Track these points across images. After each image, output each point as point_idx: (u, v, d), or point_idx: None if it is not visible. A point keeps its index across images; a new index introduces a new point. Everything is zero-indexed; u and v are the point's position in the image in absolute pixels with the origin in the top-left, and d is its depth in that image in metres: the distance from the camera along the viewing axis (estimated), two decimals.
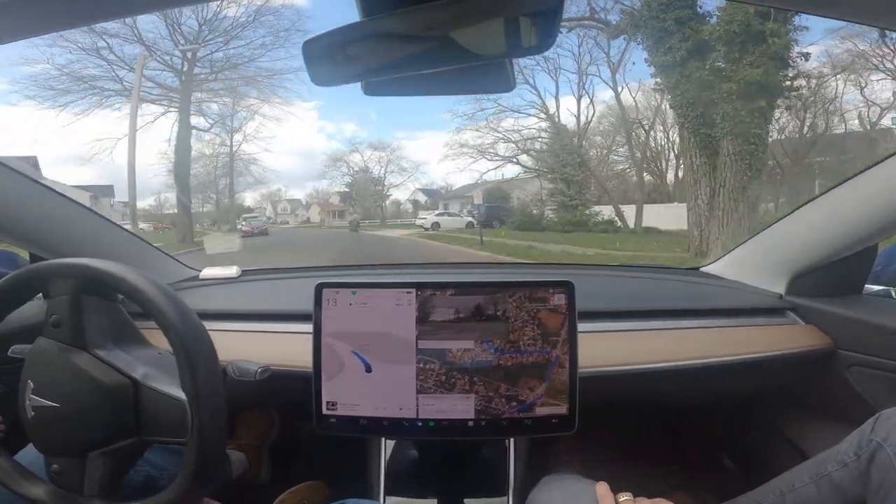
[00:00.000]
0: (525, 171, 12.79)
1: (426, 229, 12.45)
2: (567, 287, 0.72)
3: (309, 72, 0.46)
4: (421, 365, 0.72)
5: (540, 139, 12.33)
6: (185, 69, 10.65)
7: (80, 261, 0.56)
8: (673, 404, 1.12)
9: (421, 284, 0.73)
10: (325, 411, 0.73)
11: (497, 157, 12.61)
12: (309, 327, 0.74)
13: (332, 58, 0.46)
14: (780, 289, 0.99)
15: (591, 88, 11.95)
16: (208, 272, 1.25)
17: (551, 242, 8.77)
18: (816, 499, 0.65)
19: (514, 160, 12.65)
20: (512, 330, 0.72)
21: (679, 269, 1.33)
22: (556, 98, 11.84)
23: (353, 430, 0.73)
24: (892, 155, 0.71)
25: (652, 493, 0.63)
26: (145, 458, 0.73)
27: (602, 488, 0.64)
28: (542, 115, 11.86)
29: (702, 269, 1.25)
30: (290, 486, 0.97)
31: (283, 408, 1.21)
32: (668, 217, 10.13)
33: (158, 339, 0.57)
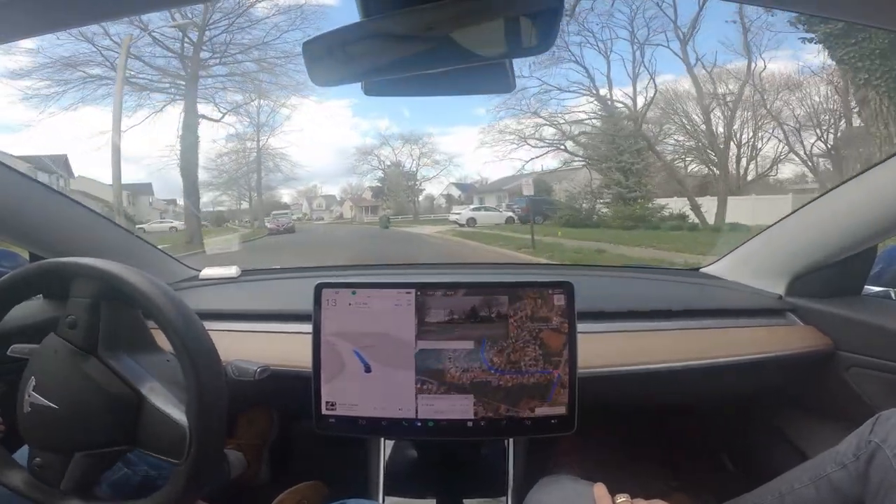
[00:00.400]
0: (569, 161, 10.95)
1: (461, 225, 11.38)
2: (567, 287, 0.72)
3: (309, 72, 0.46)
4: (420, 367, 0.72)
5: (589, 122, 10.56)
6: (186, 52, 9.83)
7: (107, 266, 0.55)
8: (673, 405, 1.12)
9: (421, 285, 0.73)
10: (324, 411, 0.73)
11: (542, 144, 10.76)
12: (308, 327, 0.74)
13: (332, 58, 0.46)
14: (780, 290, 0.99)
15: (653, 64, 10.29)
16: (208, 272, 1.25)
17: (617, 242, 7.06)
18: (815, 499, 0.65)
19: (561, 146, 10.84)
20: (513, 350, 0.71)
21: (679, 270, 1.33)
22: (609, 77, 10.00)
23: (352, 430, 0.73)
24: (893, 156, 0.71)
25: (651, 493, 0.63)
26: (143, 458, 0.73)
27: (600, 489, 0.64)
28: (591, 96, 10.14)
29: (702, 269, 1.25)
30: (290, 486, 0.97)
31: (283, 408, 1.21)
32: (752, 211, 8.54)
33: (160, 339, 0.57)
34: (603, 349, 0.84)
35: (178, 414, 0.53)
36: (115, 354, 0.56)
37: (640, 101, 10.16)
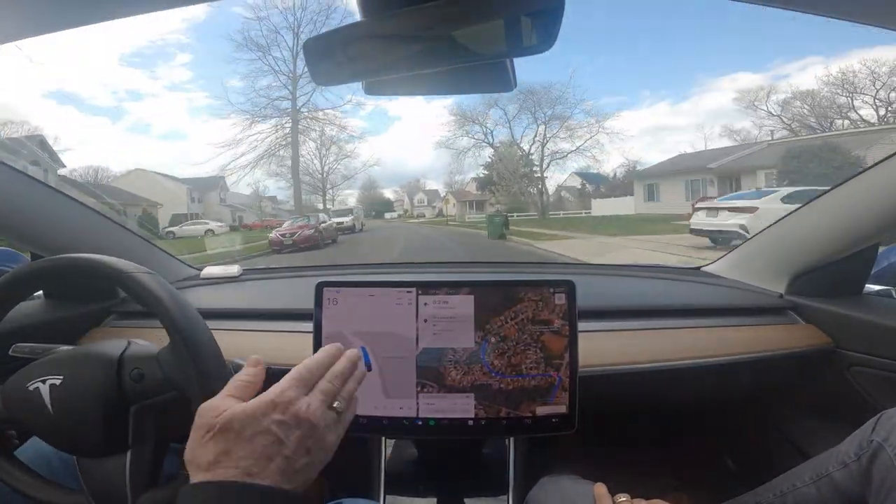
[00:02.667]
0: None
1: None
2: (568, 286, 0.72)
3: (310, 71, 0.47)
4: (421, 368, 0.72)
5: None
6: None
7: (112, 262, 0.56)
8: (673, 404, 1.12)
9: (421, 284, 0.73)
10: None
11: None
12: (309, 326, 0.74)
13: (332, 57, 0.46)
14: (781, 288, 0.99)
15: None
16: (209, 271, 1.25)
17: None
18: (817, 499, 0.65)
19: None
20: (514, 353, 0.71)
21: (679, 269, 1.32)
22: None
23: (353, 428, 0.73)
24: (893, 155, 0.71)
25: (651, 493, 0.63)
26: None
27: (600, 489, 0.64)
28: None
29: (702, 268, 1.25)
30: None
31: None
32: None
33: (162, 337, 0.57)
34: (603, 348, 0.84)
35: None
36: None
37: None
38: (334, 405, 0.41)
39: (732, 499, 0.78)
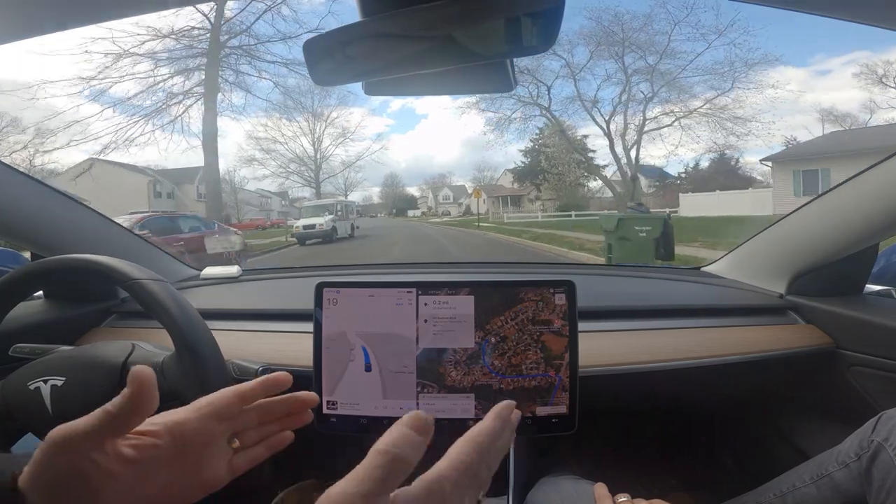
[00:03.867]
0: None
1: None
2: (568, 286, 0.72)
3: (310, 71, 0.47)
4: (421, 368, 0.72)
5: None
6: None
7: (111, 262, 0.56)
8: (673, 404, 1.12)
9: (422, 284, 0.73)
10: (325, 411, 0.73)
11: None
12: (309, 326, 0.74)
13: (332, 58, 0.46)
14: (781, 288, 0.99)
15: None
16: (209, 271, 1.25)
17: None
18: (817, 499, 0.65)
19: None
20: (514, 353, 0.71)
21: (680, 269, 1.33)
22: None
23: (353, 429, 0.73)
24: (893, 155, 0.71)
25: (651, 493, 0.63)
26: None
27: (600, 489, 0.64)
28: None
29: (702, 268, 1.25)
30: (289, 486, 0.97)
31: None
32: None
33: (163, 338, 0.58)
34: (603, 348, 0.84)
35: None
36: None
37: None
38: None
39: (732, 499, 0.78)
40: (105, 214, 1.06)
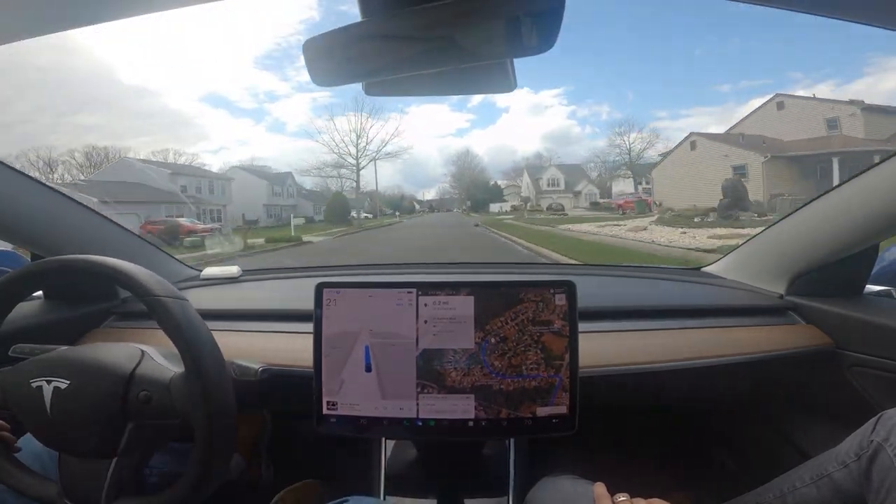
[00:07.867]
0: None
1: None
2: (568, 287, 0.72)
3: (309, 72, 0.46)
4: (421, 368, 0.72)
5: None
6: None
7: (115, 264, 0.56)
8: (673, 404, 1.12)
9: (422, 284, 0.73)
10: (325, 411, 0.73)
11: None
12: (309, 327, 0.74)
13: (332, 58, 0.46)
14: (781, 289, 0.99)
15: None
16: (209, 272, 1.25)
17: None
18: (817, 499, 0.65)
19: None
20: (514, 354, 0.71)
21: (680, 269, 1.32)
22: None
23: (353, 429, 0.73)
24: (893, 155, 0.71)
25: (651, 493, 0.63)
26: (161, 458, 0.73)
27: (600, 489, 0.64)
28: None
29: (703, 269, 1.25)
30: (290, 486, 0.97)
31: (284, 407, 1.21)
32: None
33: (162, 337, 0.57)
34: (604, 348, 0.84)
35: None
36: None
37: None
38: None
39: (732, 499, 0.78)
40: (105, 214, 1.06)
